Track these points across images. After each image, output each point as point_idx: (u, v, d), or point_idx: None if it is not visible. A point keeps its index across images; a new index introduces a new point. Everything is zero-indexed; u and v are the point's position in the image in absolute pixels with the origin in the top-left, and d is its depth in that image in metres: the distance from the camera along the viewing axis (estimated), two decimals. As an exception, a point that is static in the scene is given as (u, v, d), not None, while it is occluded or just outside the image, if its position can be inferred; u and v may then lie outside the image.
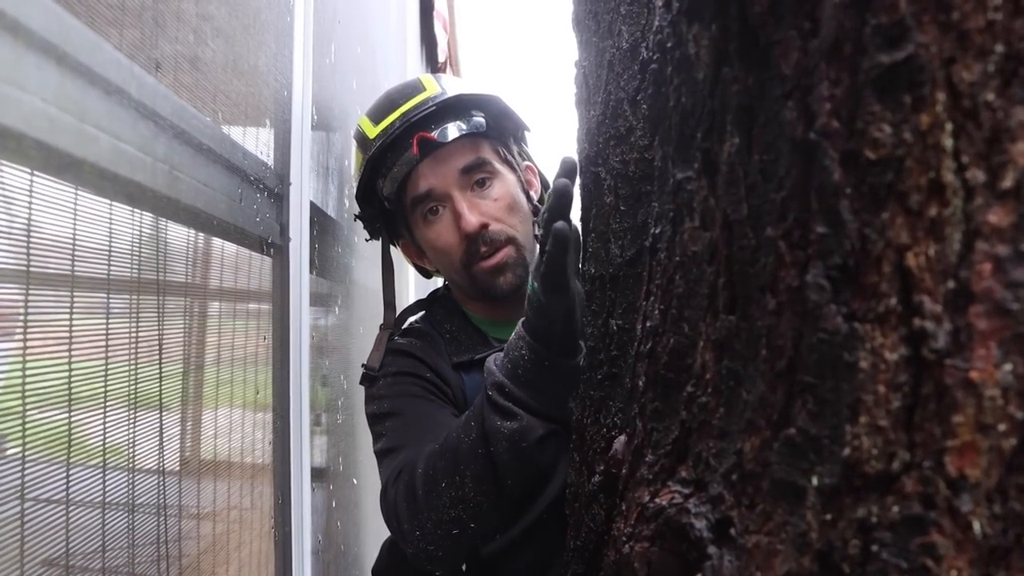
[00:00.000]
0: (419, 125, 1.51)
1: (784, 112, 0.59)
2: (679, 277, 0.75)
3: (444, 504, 1.24)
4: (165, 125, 0.78)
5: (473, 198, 1.54)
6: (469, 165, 1.53)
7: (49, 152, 0.58)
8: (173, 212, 0.83)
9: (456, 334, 1.63)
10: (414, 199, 1.56)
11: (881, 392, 0.52)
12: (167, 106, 0.79)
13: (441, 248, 1.57)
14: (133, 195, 0.72)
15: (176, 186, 0.81)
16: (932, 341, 0.50)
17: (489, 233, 1.52)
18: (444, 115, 1.53)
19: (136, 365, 0.83)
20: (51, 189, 0.61)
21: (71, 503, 0.77)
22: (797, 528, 0.57)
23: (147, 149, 0.73)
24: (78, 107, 0.61)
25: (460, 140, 1.53)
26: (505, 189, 1.57)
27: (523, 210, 1.60)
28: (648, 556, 0.75)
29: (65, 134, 0.59)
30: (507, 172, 1.60)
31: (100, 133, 0.64)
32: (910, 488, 0.51)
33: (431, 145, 1.51)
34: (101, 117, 0.65)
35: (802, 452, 0.57)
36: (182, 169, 0.81)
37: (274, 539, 1.25)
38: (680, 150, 0.74)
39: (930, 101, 0.50)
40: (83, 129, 0.62)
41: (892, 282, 0.52)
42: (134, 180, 0.71)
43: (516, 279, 1.55)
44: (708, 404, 0.69)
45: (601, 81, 1.25)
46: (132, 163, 0.70)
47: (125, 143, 0.68)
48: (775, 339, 0.60)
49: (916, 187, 0.50)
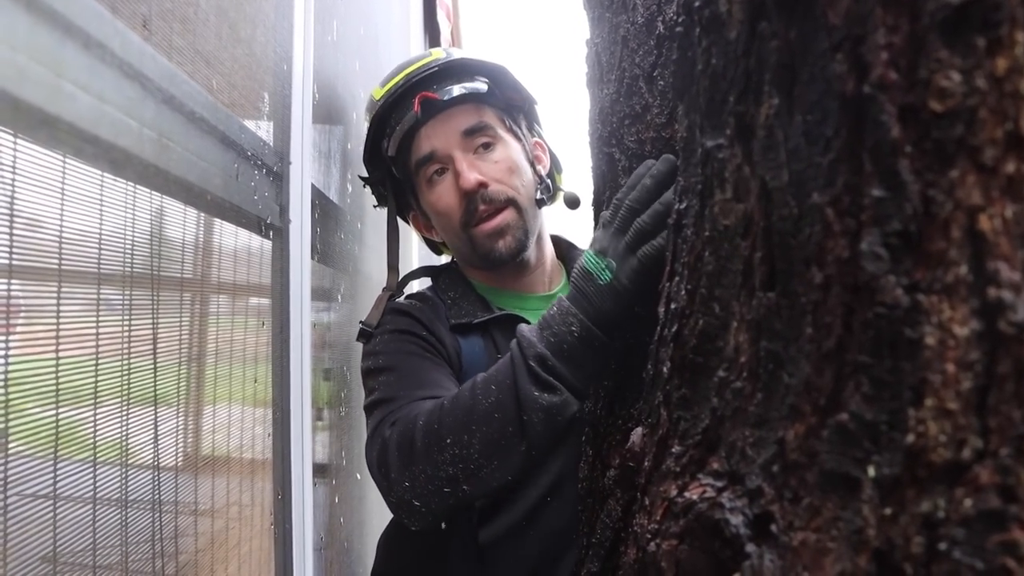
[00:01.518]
0: (421, 84, 1.54)
1: (832, 66, 0.53)
2: (708, 254, 0.70)
3: (444, 460, 1.21)
4: (153, 88, 0.73)
5: (475, 159, 1.55)
6: (471, 128, 1.55)
7: (18, 105, 0.52)
8: (162, 184, 0.77)
9: (458, 300, 1.62)
10: (418, 161, 1.57)
11: (950, 371, 0.46)
12: (155, 68, 0.73)
13: (443, 210, 1.57)
14: (116, 161, 0.67)
15: (165, 156, 0.75)
16: (1010, 313, 0.44)
17: (488, 192, 1.53)
18: (447, 76, 1.56)
19: (129, 357, 0.79)
20: (23, 152, 0.56)
21: (91, 500, 0.74)
22: (851, 524, 0.52)
23: (132, 113, 0.68)
24: (53, 59, 0.56)
25: (463, 104, 1.55)
26: (507, 153, 1.58)
27: (526, 175, 1.60)
28: (677, 555, 0.69)
29: (38, 87, 0.54)
30: (511, 139, 1.61)
31: (78, 90, 0.59)
32: (985, 479, 0.45)
33: (434, 106, 1.52)
34: (79, 73, 0.59)
35: (856, 440, 0.51)
36: (172, 138, 0.76)
37: (273, 536, 1.20)
38: (710, 116, 0.69)
39: (1008, 43, 0.44)
40: (59, 84, 0.56)
41: (962, 248, 0.46)
42: (117, 145, 0.65)
43: (515, 243, 1.55)
44: (743, 389, 0.64)
45: (615, 58, 1.20)
46: (115, 126, 0.65)
47: (107, 103, 0.63)
48: (822, 316, 0.55)
49: (991, 140, 0.45)
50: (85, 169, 0.63)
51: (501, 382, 1.19)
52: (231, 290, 1.12)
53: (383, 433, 1.29)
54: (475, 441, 1.19)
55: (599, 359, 1.16)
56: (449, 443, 1.20)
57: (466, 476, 1.21)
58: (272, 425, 1.22)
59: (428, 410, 1.25)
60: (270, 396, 1.23)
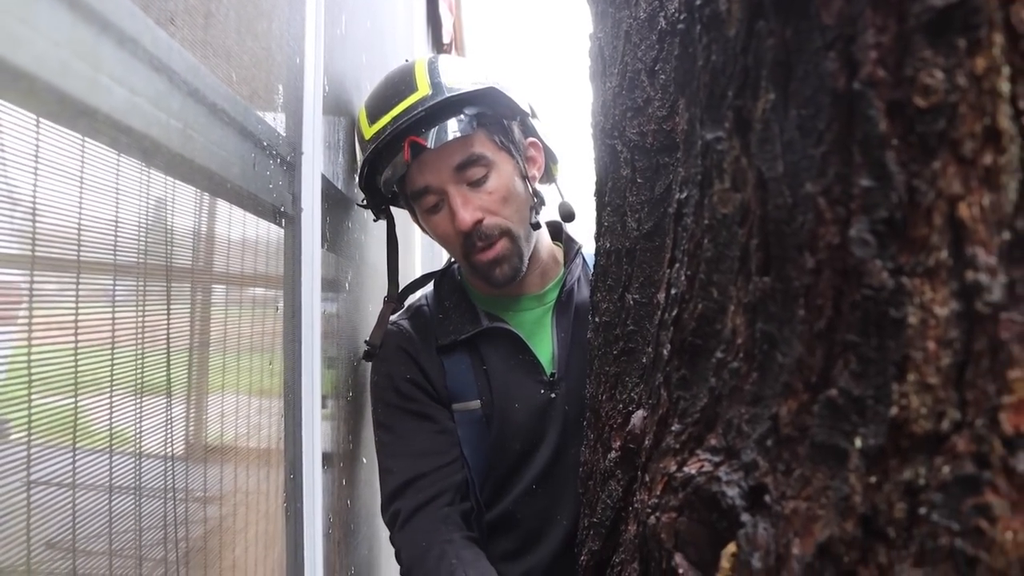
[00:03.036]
0: (409, 130, 1.55)
1: (825, 64, 0.57)
2: (707, 241, 0.73)
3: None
4: (179, 81, 0.76)
5: (468, 193, 1.57)
6: (463, 162, 1.56)
7: (62, 98, 0.56)
8: (187, 172, 0.81)
9: (450, 313, 1.71)
10: (413, 193, 1.61)
11: (931, 349, 0.50)
12: (181, 62, 0.76)
13: (441, 236, 1.65)
14: (147, 150, 0.70)
15: (190, 145, 0.78)
16: (986, 294, 0.48)
17: (483, 228, 1.56)
18: (434, 118, 1.56)
19: (142, 343, 0.82)
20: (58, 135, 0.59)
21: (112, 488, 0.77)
22: (839, 492, 0.55)
23: (161, 104, 0.71)
24: (91, 54, 0.59)
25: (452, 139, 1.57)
26: (500, 181, 1.59)
27: (519, 198, 1.63)
28: (676, 527, 0.73)
29: (78, 80, 0.57)
30: (503, 161, 1.62)
31: (114, 84, 0.62)
32: (962, 447, 0.49)
33: (422, 148, 1.55)
34: (115, 67, 0.63)
35: (844, 414, 0.55)
36: (196, 128, 0.79)
37: (285, 514, 1.23)
38: (710, 110, 0.72)
39: (986, 44, 0.48)
40: (96, 78, 0.60)
41: (943, 234, 0.50)
42: (148, 135, 0.69)
43: (511, 270, 1.61)
44: (740, 369, 0.68)
45: (618, 52, 1.23)
46: (146, 117, 0.68)
47: (139, 96, 0.66)
48: (814, 298, 0.58)
49: (970, 134, 0.48)
50: (126, 161, 0.67)
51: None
52: (250, 279, 1.16)
53: (393, 535, 1.59)
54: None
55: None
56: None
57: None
58: (284, 408, 1.26)
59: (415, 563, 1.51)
60: (282, 381, 1.27)
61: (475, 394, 1.64)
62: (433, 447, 1.61)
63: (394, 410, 1.64)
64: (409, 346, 1.66)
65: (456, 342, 1.65)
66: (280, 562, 1.27)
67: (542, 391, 1.63)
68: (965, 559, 0.48)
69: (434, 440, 1.62)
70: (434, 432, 1.62)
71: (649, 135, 1.19)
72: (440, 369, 1.65)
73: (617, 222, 1.24)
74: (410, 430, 1.62)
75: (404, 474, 1.58)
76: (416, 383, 1.64)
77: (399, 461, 1.60)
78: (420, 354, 1.65)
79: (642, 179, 1.20)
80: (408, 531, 1.54)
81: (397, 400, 1.64)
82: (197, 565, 0.96)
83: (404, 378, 1.64)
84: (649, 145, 1.19)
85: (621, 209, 1.23)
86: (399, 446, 1.62)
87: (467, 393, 1.64)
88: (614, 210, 1.24)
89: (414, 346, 1.66)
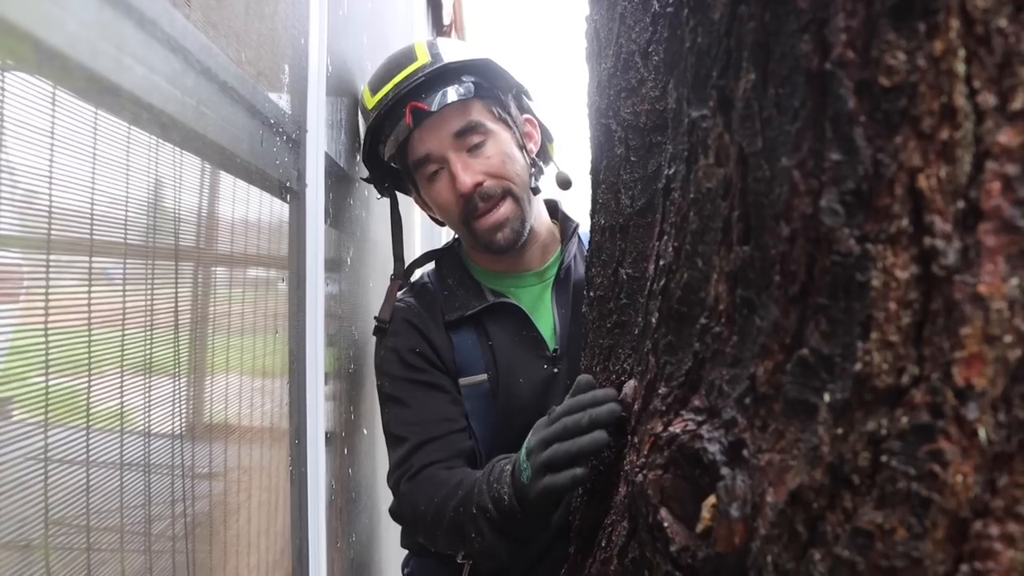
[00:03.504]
0: (411, 95, 1.61)
1: (800, 45, 0.61)
2: (693, 214, 0.77)
3: (440, 544, 1.51)
4: (193, 61, 0.80)
5: (468, 159, 1.63)
6: (462, 128, 1.62)
7: (91, 76, 0.60)
8: (200, 147, 0.85)
9: (454, 289, 1.75)
10: (415, 162, 1.66)
11: (892, 309, 0.54)
12: (195, 43, 0.80)
13: (442, 205, 1.69)
14: (165, 125, 0.75)
15: (203, 122, 0.83)
16: (942, 258, 0.52)
17: (484, 189, 1.62)
18: (434, 84, 1.62)
19: (152, 320, 0.86)
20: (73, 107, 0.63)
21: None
22: (809, 444, 0.60)
23: (177, 83, 0.75)
24: (116, 35, 0.63)
25: (452, 105, 1.62)
26: (498, 147, 1.65)
27: (519, 164, 1.68)
28: (661, 483, 0.77)
29: (104, 59, 0.61)
30: (501, 130, 1.68)
31: (135, 62, 0.66)
32: (919, 399, 0.53)
33: (423, 113, 1.60)
34: (136, 47, 0.67)
35: (814, 371, 0.59)
36: (208, 106, 0.83)
37: (291, 479, 1.28)
38: (696, 89, 0.76)
39: (944, 28, 0.52)
40: (120, 57, 0.64)
41: (904, 204, 0.54)
42: (165, 111, 0.73)
43: (513, 234, 1.66)
44: (721, 334, 0.72)
45: (612, 34, 1.27)
46: (163, 94, 0.72)
47: (157, 75, 0.71)
48: (789, 265, 0.62)
49: (929, 112, 0.53)
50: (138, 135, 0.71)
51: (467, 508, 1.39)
52: (255, 254, 1.20)
53: (400, 488, 1.59)
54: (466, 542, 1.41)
55: (523, 522, 1.28)
56: (443, 535, 1.46)
57: (466, 551, 1.45)
58: (288, 377, 1.30)
59: (428, 499, 1.49)
60: (287, 351, 1.32)
61: (482, 368, 1.68)
62: (444, 414, 1.63)
63: (402, 382, 1.66)
64: (417, 320, 1.69)
65: (463, 317, 1.69)
66: (285, 524, 1.31)
67: (545, 366, 1.67)
68: (920, 501, 0.53)
69: (444, 408, 1.64)
70: (444, 401, 1.65)
71: (642, 115, 1.23)
72: (448, 343, 1.69)
73: (611, 199, 1.27)
74: (419, 399, 1.65)
75: (416, 438, 1.60)
76: (424, 355, 1.66)
77: (410, 428, 1.62)
78: (429, 329, 1.68)
79: (635, 157, 1.23)
80: (418, 481, 1.56)
81: (405, 372, 1.66)
82: (204, 534, 1.01)
83: (412, 351, 1.66)
84: (642, 125, 1.23)
85: (615, 186, 1.26)
86: (409, 414, 1.64)
87: (474, 367, 1.68)
88: (608, 187, 1.28)
89: (422, 320, 1.69)
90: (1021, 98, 0.50)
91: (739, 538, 0.65)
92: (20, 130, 0.57)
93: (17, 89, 0.56)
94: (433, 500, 1.48)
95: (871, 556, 0.55)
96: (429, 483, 1.53)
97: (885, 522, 0.54)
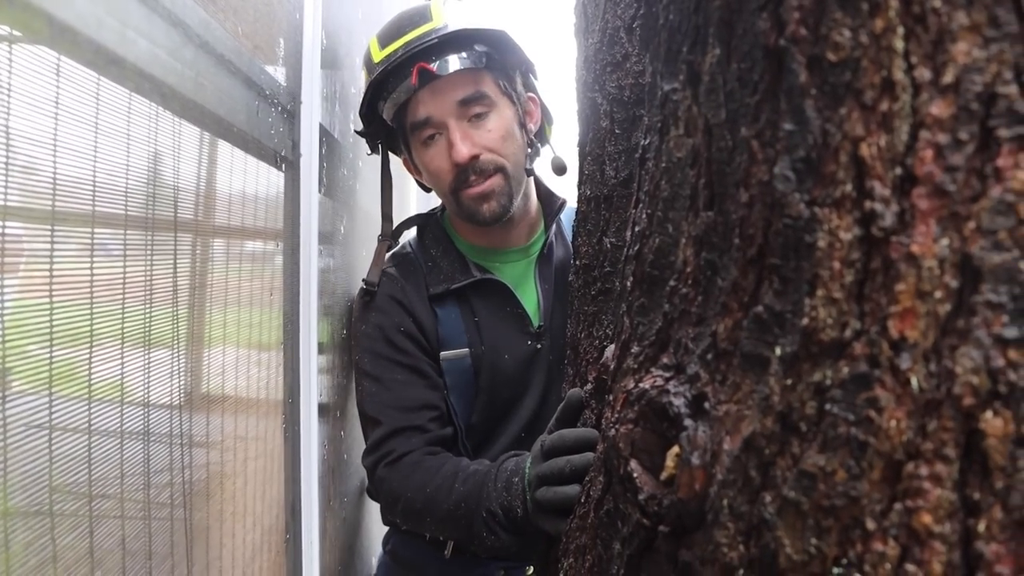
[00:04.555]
0: (420, 55, 1.58)
1: (759, 23, 0.65)
2: (665, 182, 0.81)
3: (424, 529, 1.57)
4: (192, 35, 0.84)
5: (468, 128, 1.62)
6: (467, 97, 1.61)
7: (98, 49, 0.64)
8: (198, 116, 0.89)
9: (439, 261, 1.75)
10: (413, 124, 1.65)
11: (836, 268, 0.59)
12: (194, 17, 0.85)
13: (434, 171, 1.68)
14: (165, 95, 0.79)
15: (201, 93, 0.87)
16: (881, 221, 0.56)
17: (480, 163, 1.62)
18: (446, 47, 1.59)
19: (152, 295, 0.90)
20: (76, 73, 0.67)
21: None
22: (761, 394, 0.64)
23: (177, 55, 0.80)
24: (120, 10, 0.67)
25: (460, 72, 1.59)
26: (501, 122, 1.64)
27: (517, 141, 1.68)
28: (632, 436, 0.82)
29: (111, 33, 0.65)
30: (505, 105, 1.66)
31: (138, 36, 0.70)
32: (859, 351, 0.58)
33: (430, 75, 1.57)
34: (140, 21, 0.71)
35: (768, 327, 0.64)
36: (206, 77, 0.88)
37: (284, 437, 1.33)
38: (668, 64, 0.80)
39: (884, 7, 0.56)
40: (124, 31, 0.68)
41: (848, 170, 0.58)
42: (166, 82, 0.77)
43: (499, 207, 1.65)
44: (688, 295, 0.76)
45: (599, 10, 1.31)
46: (164, 66, 0.76)
47: (159, 47, 0.75)
48: (747, 229, 0.66)
49: (870, 85, 0.57)
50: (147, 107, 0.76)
51: (469, 505, 1.44)
52: (252, 226, 1.24)
53: (378, 472, 1.61)
54: (444, 530, 1.53)
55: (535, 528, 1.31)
56: (426, 523, 1.53)
57: (442, 536, 1.57)
58: (283, 344, 1.35)
59: (418, 487, 1.52)
60: (282, 314, 1.36)
61: (464, 343, 1.69)
62: (424, 399, 1.65)
63: (384, 361, 1.67)
64: (402, 296, 1.69)
65: (448, 291, 1.70)
66: (280, 487, 1.37)
67: (529, 342, 1.70)
68: (858, 444, 0.57)
69: (424, 394, 1.65)
70: (424, 387, 1.66)
71: (627, 89, 1.27)
72: (433, 317, 1.70)
73: (596, 170, 1.31)
74: (400, 383, 1.65)
75: (394, 424, 1.62)
76: (409, 334, 1.67)
77: (388, 412, 1.63)
78: (414, 303, 1.69)
79: (619, 130, 1.27)
80: (400, 467, 1.58)
81: (388, 351, 1.67)
82: (201, 499, 1.05)
83: (398, 329, 1.67)
84: (627, 98, 1.27)
85: (600, 158, 1.31)
86: (388, 397, 1.64)
87: (457, 341, 1.69)
88: (594, 159, 1.32)
89: (406, 295, 1.69)
90: (952, 72, 0.54)
91: (699, 484, 0.70)
92: (27, 101, 0.61)
93: (25, 62, 0.60)
94: (425, 489, 1.50)
95: (815, 497, 0.60)
96: (416, 470, 1.55)
97: (827, 465, 0.59)
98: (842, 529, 0.59)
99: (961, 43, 0.54)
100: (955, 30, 0.54)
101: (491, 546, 1.41)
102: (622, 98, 1.27)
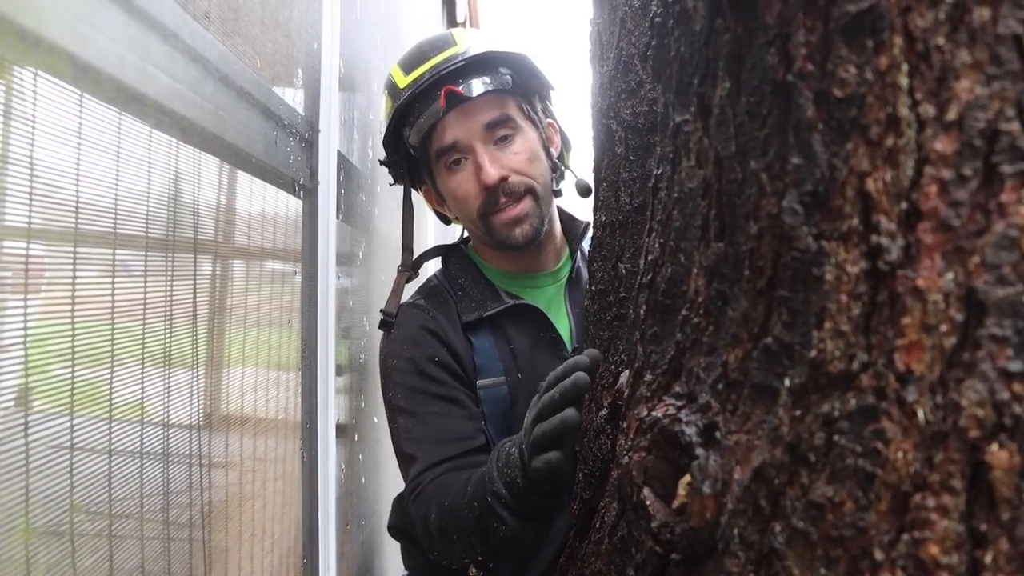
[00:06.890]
0: (447, 79, 1.57)
1: (767, 57, 0.66)
2: (677, 212, 0.82)
3: (455, 551, 1.45)
4: (212, 69, 0.86)
5: (495, 151, 1.61)
6: (494, 120, 1.60)
7: (119, 86, 0.66)
8: (218, 148, 0.91)
9: (468, 290, 1.71)
10: (439, 150, 1.63)
11: (843, 301, 0.59)
12: (214, 52, 0.87)
13: (461, 197, 1.65)
14: (186, 130, 0.81)
15: (221, 125, 0.89)
16: (887, 255, 0.57)
17: (509, 185, 1.60)
18: (472, 70, 1.59)
19: (171, 304, 0.91)
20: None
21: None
22: (771, 424, 0.65)
23: (197, 90, 0.82)
24: (141, 48, 0.69)
25: (486, 95, 1.59)
26: (527, 144, 1.64)
27: (542, 163, 1.67)
28: (644, 464, 0.82)
29: (131, 71, 0.67)
30: (529, 128, 1.66)
31: (159, 72, 0.72)
32: (866, 383, 0.58)
33: (458, 99, 1.57)
34: (160, 58, 0.73)
35: (777, 358, 0.65)
36: (225, 110, 0.90)
37: (302, 460, 1.34)
38: (679, 95, 0.81)
39: (888, 45, 0.57)
40: (145, 67, 0.70)
41: (854, 205, 0.59)
42: (187, 116, 0.79)
43: (532, 231, 1.64)
44: (699, 324, 0.77)
45: (614, 38, 1.32)
46: (185, 101, 0.78)
47: (179, 83, 0.77)
48: (757, 260, 0.67)
49: (876, 120, 0.58)
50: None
51: (479, 501, 1.37)
52: (270, 248, 1.26)
53: (411, 507, 1.53)
54: (474, 542, 1.40)
55: (538, 502, 1.29)
56: (456, 539, 1.42)
57: (479, 560, 1.45)
58: (300, 366, 1.37)
59: (437, 508, 1.44)
60: (300, 340, 1.38)
61: (500, 371, 1.65)
62: (461, 432, 1.59)
63: (418, 395, 1.60)
64: (434, 326, 1.65)
65: (482, 318, 1.65)
66: (297, 510, 1.38)
67: None
68: (865, 475, 0.58)
69: (461, 425, 1.60)
70: (461, 417, 1.60)
71: (641, 116, 1.28)
72: (468, 345, 1.65)
73: (611, 196, 1.32)
74: (436, 414, 1.59)
75: (430, 459, 1.55)
76: (444, 364, 1.62)
77: (424, 446, 1.57)
78: (448, 332, 1.64)
79: (634, 156, 1.28)
80: (424, 493, 1.52)
81: (422, 383, 1.61)
82: (219, 520, 1.06)
83: (432, 360, 1.62)
84: (641, 125, 1.28)
85: (615, 184, 1.31)
86: (423, 431, 1.58)
87: (492, 370, 1.65)
88: (609, 185, 1.33)
89: (439, 325, 1.65)
90: (955, 109, 0.55)
91: (710, 513, 0.71)
92: (56, 138, 0.63)
93: (50, 96, 0.62)
94: (444, 504, 1.44)
95: (823, 527, 0.60)
96: (437, 489, 1.50)
97: (835, 495, 0.60)
98: (851, 559, 0.59)
99: (964, 80, 0.55)
100: (958, 67, 0.55)
101: (505, 539, 1.34)
102: (637, 125, 1.28)
